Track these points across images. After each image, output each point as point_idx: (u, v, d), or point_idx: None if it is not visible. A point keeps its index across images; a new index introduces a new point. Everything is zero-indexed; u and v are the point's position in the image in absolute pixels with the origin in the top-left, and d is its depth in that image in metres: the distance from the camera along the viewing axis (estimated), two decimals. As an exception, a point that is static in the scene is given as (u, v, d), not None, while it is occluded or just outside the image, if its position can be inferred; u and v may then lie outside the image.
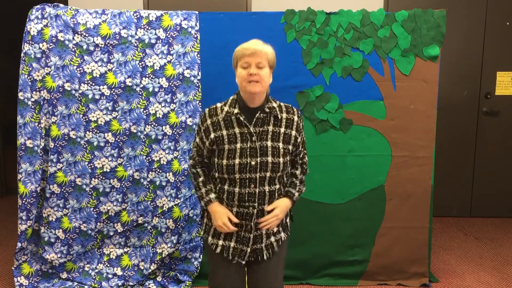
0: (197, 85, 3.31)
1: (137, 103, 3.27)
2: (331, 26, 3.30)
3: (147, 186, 3.34)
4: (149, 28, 3.24)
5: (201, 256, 3.44)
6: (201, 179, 2.30)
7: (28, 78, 3.20)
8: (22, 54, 3.18)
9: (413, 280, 3.50)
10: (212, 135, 2.20)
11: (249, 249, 2.24)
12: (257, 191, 2.17)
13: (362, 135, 3.39)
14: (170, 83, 3.28)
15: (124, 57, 3.23)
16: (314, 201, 3.43)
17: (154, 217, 3.37)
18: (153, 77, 3.26)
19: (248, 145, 2.15)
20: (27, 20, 3.18)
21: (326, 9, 3.34)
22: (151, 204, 3.35)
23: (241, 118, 2.16)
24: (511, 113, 4.91)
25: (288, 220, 2.38)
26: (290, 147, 2.22)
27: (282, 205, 2.23)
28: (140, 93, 3.26)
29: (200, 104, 3.32)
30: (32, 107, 3.23)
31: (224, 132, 2.18)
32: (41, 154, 3.26)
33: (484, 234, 4.58)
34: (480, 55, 4.82)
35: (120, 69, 3.23)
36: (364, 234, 3.48)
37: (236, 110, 2.17)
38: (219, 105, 2.25)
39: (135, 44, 3.23)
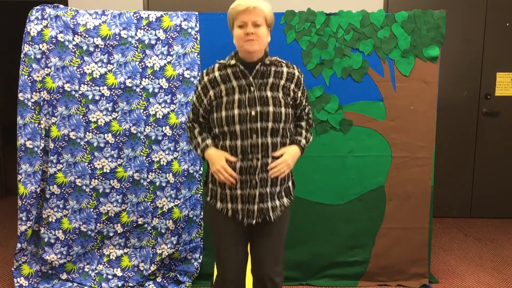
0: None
1: (137, 104, 3.27)
2: (331, 27, 3.30)
3: (147, 187, 3.34)
4: (149, 29, 3.24)
5: (201, 257, 3.44)
6: (196, 129, 2.29)
7: (28, 79, 3.20)
8: (22, 55, 3.19)
9: (413, 281, 3.50)
10: (211, 92, 2.19)
11: (256, 207, 2.18)
12: (259, 142, 2.12)
13: (362, 136, 3.39)
14: (170, 84, 3.28)
15: (124, 58, 3.23)
16: (314, 202, 3.43)
17: (154, 218, 3.37)
18: (153, 78, 3.26)
19: (247, 96, 2.13)
20: (27, 21, 3.19)
21: (326, 10, 3.35)
22: (151, 205, 3.35)
23: (238, 69, 2.14)
24: (511, 113, 4.91)
25: (290, 184, 2.34)
26: (290, 99, 2.20)
27: (290, 151, 2.20)
28: (140, 94, 3.26)
29: (200, 105, 3.32)
30: (32, 108, 3.23)
31: (222, 87, 2.17)
32: (41, 155, 3.26)
33: (484, 235, 4.58)
34: (480, 55, 4.82)
35: (120, 70, 3.24)
36: (364, 235, 3.48)
37: (233, 62, 2.16)
38: (216, 64, 2.25)
39: (135, 45, 3.24)
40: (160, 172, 3.33)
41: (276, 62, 2.23)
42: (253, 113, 2.11)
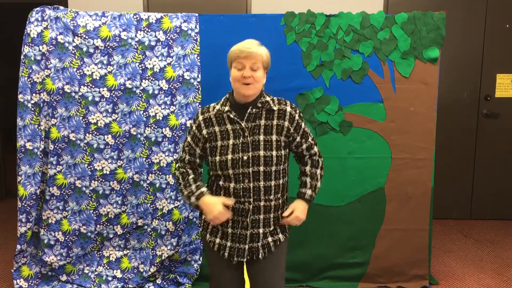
0: (197, 87, 3.31)
1: (137, 105, 3.27)
2: (331, 28, 3.30)
3: (147, 188, 3.33)
4: (149, 30, 3.24)
5: (201, 258, 3.43)
6: (191, 176, 2.24)
7: (28, 80, 3.20)
8: (22, 56, 3.19)
9: (413, 282, 3.50)
10: (204, 131, 2.18)
11: (246, 247, 2.21)
12: (251, 186, 2.14)
13: (362, 137, 3.39)
14: (170, 85, 3.28)
15: (124, 59, 3.23)
16: (314, 203, 3.40)
17: (154, 220, 3.36)
18: (153, 79, 3.26)
19: (241, 141, 2.14)
20: (27, 22, 3.19)
21: (326, 11, 3.35)
22: (151, 206, 3.35)
23: (231, 116, 2.15)
24: (511, 115, 4.91)
25: None
26: (283, 138, 2.18)
27: (298, 207, 2.23)
28: (140, 95, 3.26)
29: (200, 106, 3.32)
30: (32, 109, 3.23)
31: (217, 129, 2.17)
32: (40, 156, 3.26)
33: (484, 236, 4.57)
34: (480, 57, 4.82)
35: (120, 71, 3.24)
36: (364, 236, 3.47)
37: (226, 108, 2.17)
38: (212, 104, 2.25)
39: (135, 46, 3.24)
40: (160, 173, 3.32)
41: (269, 101, 2.20)
42: (245, 157, 2.12)
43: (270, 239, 2.23)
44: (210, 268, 2.36)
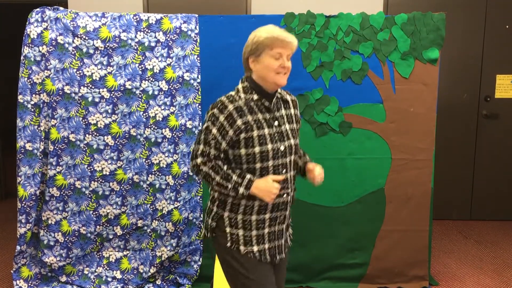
0: (197, 88, 3.31)
1: (137, 106, 3.27)
2: (331, 29, 3.30)
3: (147, 189, 3.33)
4: (149, 31, 3.24)
5: (200, 259, 3.43)
6: (225, 167, 2.04)
7: (28, 81, 3.20)
8: (22, 57, 3.19)
9: (413, 283, 3.50)
10: (238, 122, 1.99)
11: (282, 242, 2.16)
12: (289, 176, 2.09)
13: (362, 138, 3.39)
14: (170, 86, 3.28)
15: (124, 60, 3.23)
16: (313, 204, 3.43)
17: (154, 220, 3.36)
18: (153, 80, 3.26)
19: (274, 130, 2.05)
20: (27, 23, 3.19)
21: (325, 12, 3.35)
22: (151, 207, 3.35)
23: (266, 104, 2.06)
24: (511, 116, 4.91)
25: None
26: (299, 126, 2.23)
27: (318, 166, 2.19)
28: (140, 96, 3.26)
29: (199, 107, 3.32)
30: (32, 110, 3.23)
31: (250, 118, 2.01)
32: (40, 157, 3.26)
33: (484, 237, 4.57)
34: (479, 58, 4.82)
35: (120, 72, 3.24)
36: (364, 237, 3.47)
37: (255, 96, 2.04)
38: (231, 93, 2.08)
39: (135, 47, 3.24)
40: (160, 174, 3.32)
41: (281, 92, 2.18)
42: (282, 148, 2.05)
43: (288, 231, 2.25)
44: (254, 279, 2.07)
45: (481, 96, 4.88)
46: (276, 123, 2.07)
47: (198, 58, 3.30)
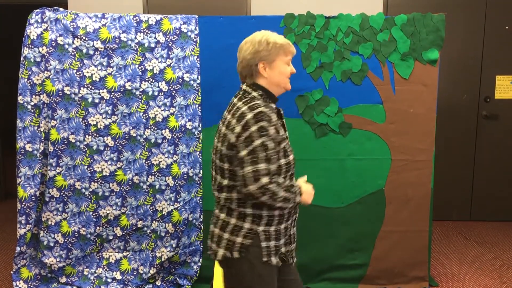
0: (197, 89, 3.31)
1: (137, 107, 3.27)
2: (331, 30, 3.30)
3: (147, 190, 3.33)
4: (149, 32, 3.24)
5: (200, 260, 3.43)
6: (287, 182, 1.97)
7: (28, 82, 3.20)
8: (21, 58, 3.19)
9: (413, 284, 3.50)
10: (281, 131, 1.96)
11: (294, 246, 2.16)
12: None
13: (362, 139, 3.39)
14: (170, 87, 3.28)
15: (123, 61, 3.23)
16: (313, 205, 3.40)
17: (154, 221, 3.36)
18: (153, 81, 3.26)
19: (287, 140, 2.05)
20: (27, 24, 3.19)
21: (325, 13, 3.35)
22: (151, 208, 3.35)
23: (282, 112, 2.10)
24: (511, 116, 4.91)
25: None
26: None
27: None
28: (140, 97, 3.26)
29: (199, 108, 3.32)
30: (32, 111, 3.23)
31: (281, 131, 1.98)
32: (40, 158, 3.26)
33: (484, 238, 4.57)
34: (479, 59, 4.83)
35: (120, 73, 3.24)
36: (363, 238, 3.47)
37: (273, 105, 2.03)
38: (258, 101, 1.95)
39: (135, 48, 3.24)
40: (160, 175, 3.32)
41: None
42: (291, 157, 2.04)
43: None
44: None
45: (481, 96, 4.88)
46: (286, 132, 2.10)
47: (198, 59, 3.30)
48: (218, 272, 2.34)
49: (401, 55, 3.32)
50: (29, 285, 3.34)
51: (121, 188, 3.31)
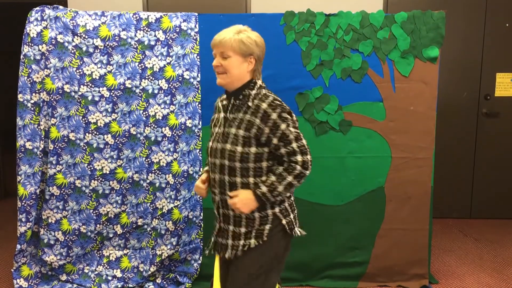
0: (197, 86, 3.31)
1: (137, 104, 3.27)
2: (331, 28, 3.30)
3: (147, 188, 3.33)
4: (149, 30, 3.24)
5: (200, 258, 3.43)
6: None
7: (28, 80, 3.20)
8: (21, 56, 3.18)
9: (413, 281, 3.50)
10: (212, 117, 2.30)
11: (224, 241, 2.20)
12: (217, 178, 2.14)
13: (362, 137, 3.39)
14: (170, 85, 3.28)
15: (123, 58, 3.23)
16: (313, 203, 3.43)
17: (154, 219, 3.36)
18: (153, 78, 3.26)
19: (220, 130, 2.15)
20: (27, 22, 3.19)
21: (325, 10, 3.34)
22: (151, 206, 3.35)
23: (221, 104, 2.23)
24: (511, 114, 4.91)
25: (267, 228, 2.12)
26: (252, 135, 2.03)
27: (242, 194, 2.05)
28: (140, 94, 3.26)
29: (199, 105, 3.32)
30: (32, 109, 3.22)
31: (216, 116, 2.26)
32: (40, 156, 3.26)
33: (484, 236, 4.57)
34: (479, 56, 4.82)
35: (120, 71, 3.23)
36: (364, 236, 3.47)
37: (224, 96, 2.23)
38: None
39: (135, 46, 3.23)
40: (160, 173, 3.32)
41: (250, 95, 2.09)
42: (217, 147, 2.13)
43: (241, 242, 2.12)
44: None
45: (481, 94, 4.88)
46: (226, 123, 2.13)
47: (198, 57, 3.30)
48: (218, 270, 2.34)
49: (401, 53, 3.32)
50: (30, 283, 3.34)
51: (121, 186, 3.31)
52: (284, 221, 2.15)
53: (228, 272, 2.21)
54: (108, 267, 3.40)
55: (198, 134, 3.34)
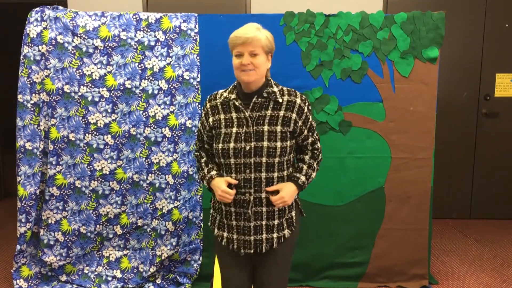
0: (197, 87, 3.31)
1: (137, 105, 3.27)
2: (330, 28, 3.30)
3: (147, 188, 3.33)
4: (149, 30, 3.24)
5: (200, 258, 3.43)
6: (203, 159, 2.30)
7: (28, 80, 3.20)
8: (21, 57, 3.19)
9: (413, 282, 3.50)
10: (210, 119, 2.20)
11: (252, 238, 2.17)
12: (252, 177, 2.12)
13: (362, 137, 3.39)
14: (170, 85, 3.28)
15: (123, 59, 3.23)
16: (313, 203, 3.43)
17: (154, 220, 3.36)
18: (153, 79, 3.26)
19: (244, 130, 2.11)
20: (27, 22, 3.19)
21: (325, 11, 3.35)
22: (151, 206, 3.35)
23: (237, 103, 2.14)
24: (511, 115, 4.91)
25: (293, 214, 2.26)
26: (291, 130, 2.14)
27: (287, 189, 2.15)
28: (140, 95, 3.26)
29: (199, 106, 3.32)
30: (32, 109, 3.23)
31: (222, 116, 2.17)
32: (40, 157, 3.26)
33: (483, 236, 4.57)
34: (479, 57, 4.82)
35: (120, 72, 3.23)
36: (363, 236, 3.47)
37: (233, 96, 2.16)
38: (220, 91, 2.25)
39: (135, 46, 3.24)
40: (160, 173, 3.32)
41: (276, 92, 2.16)
42: (247, 147, 2.10)
43: (275, 235, 2.20)
44: (220, 263, 2.33)
45: (480, 94, 4.88)
46: (249, 122, 2.12)
47: (198, 57, 3.30)
48: (217, 270, 2.35)
49: (401, 53, 3.32)
50: (30, 284, 3.34)
51: (121, 186, 3.31)
52: (300, 205, 2.34)
53: (255, 266, 2.27)
54: (108, 268, 3.40)
55: (198, 134, 3.34)
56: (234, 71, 2.13)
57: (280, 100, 2.14)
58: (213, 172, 2.22)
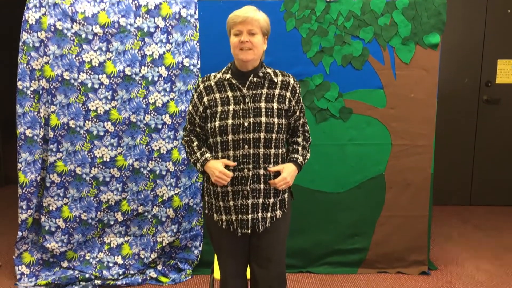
0: (197, 74, 3.29)
1: (137, 92, 3.26)
2: (331, 14, 3.27)
3: (147, 175, 3.34)
4: (148, 16, 3.22)
5: (201, 244, 3.45)
6: (195, 143, 2.28)
7: (27, 67, 3.19)
8: (20, 43, 3.17)
9: (413, 268, 3.52)
10: (205, 99, 2.20)
11: (249, 217, 2.19)
12: (251, 152, 2.14)
13: (362, 124, 3.38)
14: (170, 72, 3.26)
15: (123, 46, 3.21)
16: (314, 190, 3.44)
17: (154, 206, 3.37)
18: (152, 66, 3.25)
19: (241, 107, 2.14)
20: (25, 8, 3.16)
21: (326, -3, 3.32)
22: (151, 193, 3.36)
23: (233, 81, 2.17)
24: (512, 101, 4.90)
25: (286, 196, 2.28)
26: (286, 108, 2.19)
27: (288, 169, 2.19)
28: (140, 82, 3.25)
29: (199, 93, 3.30)
30: (31, 96, 3.22)
31: (217, 95, 2.19)
32: (40, 144, 3.26)
33: (483, 223, 4.59)
34: (480, 43, 4.80)
35: (119, 58, 3.22)
36: (363, 223, 3.49)
37: (228, 76, 2.19)
38: (213, 73, 2.27)
39: (134, 33, 3.21)
40: (160, 160, 3.33)
41: (271, 73, 2.23)
42: (246, 123, 2.12)
43: (269, 214, 2.22)
44: (216, 251, 2.35)
45: (482, 81, 4.86)
46: (246, 100, 2.15)
47: (198, 44, 3.28)
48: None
49: (402, 39, 3.30)
50: (31, 270, 3.36)
51: (122, 173, 3.32)
52: (290, 187, 2.33)
53: (250, 245, 2.29)
54: (109, 254, 3.42)
55: (198, 121, 3.33)
56: (232, 50, 2.16)
57: (275, 80, 2.21)
58: (207, 155, 2.21)
